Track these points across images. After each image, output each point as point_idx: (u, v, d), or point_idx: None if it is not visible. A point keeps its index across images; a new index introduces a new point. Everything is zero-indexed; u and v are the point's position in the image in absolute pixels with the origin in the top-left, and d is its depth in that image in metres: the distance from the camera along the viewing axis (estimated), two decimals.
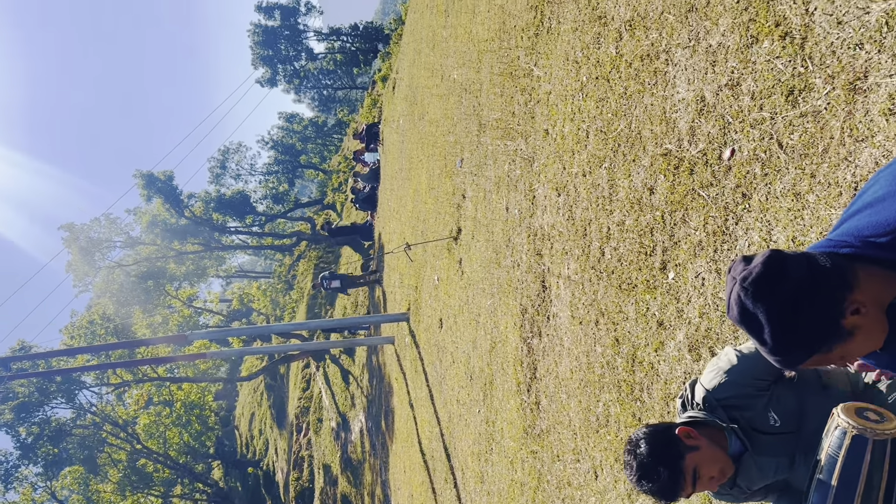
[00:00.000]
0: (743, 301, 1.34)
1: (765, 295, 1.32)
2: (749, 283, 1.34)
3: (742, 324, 1.37)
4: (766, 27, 2.93)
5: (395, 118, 20.96)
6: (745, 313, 1.34)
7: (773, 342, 1.32)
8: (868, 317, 1.31)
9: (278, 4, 57.27)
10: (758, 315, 1.32)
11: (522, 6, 6.89)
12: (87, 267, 40.38)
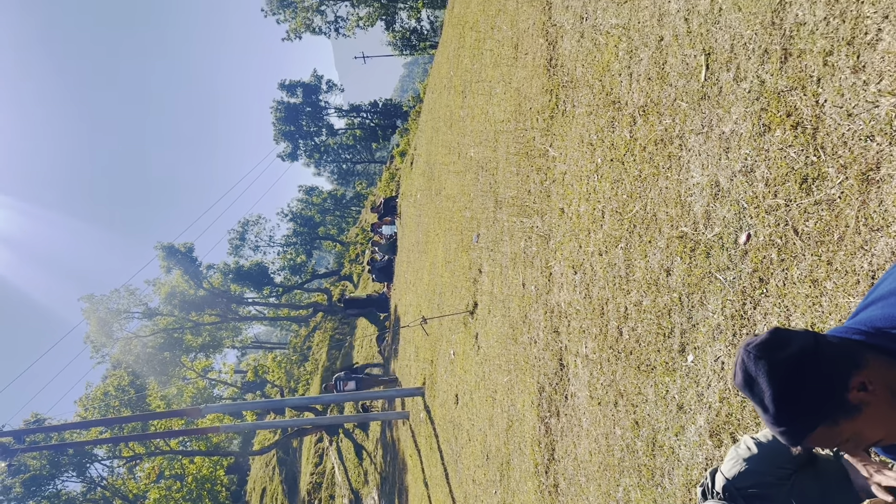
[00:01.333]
0: (746, 364, 1.34)
1: (765, 357, 1.31)
2: (753, 347, 1.34)
3: (745, 388, 1.36)
4: (778, 117, 3.00)
5: (412, 193, 21.28)
6: (748, 377, 1.34)
7: (775, 408, 1.30)
8: (876, 395, 1.29)
9: (301, 83, 59.11)
10: (759, 378, 1.31)
11: (538, 89, 7.09)
12: (105, 338, 40.58)
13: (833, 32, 2.70)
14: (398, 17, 52.07)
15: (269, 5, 49.23)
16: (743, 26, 3.32)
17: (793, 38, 2.95)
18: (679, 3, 4.01)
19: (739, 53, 3.34)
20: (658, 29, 4.28)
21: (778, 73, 3.03)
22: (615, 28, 5.05)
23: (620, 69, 4.89)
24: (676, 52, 4.01)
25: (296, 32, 50.66)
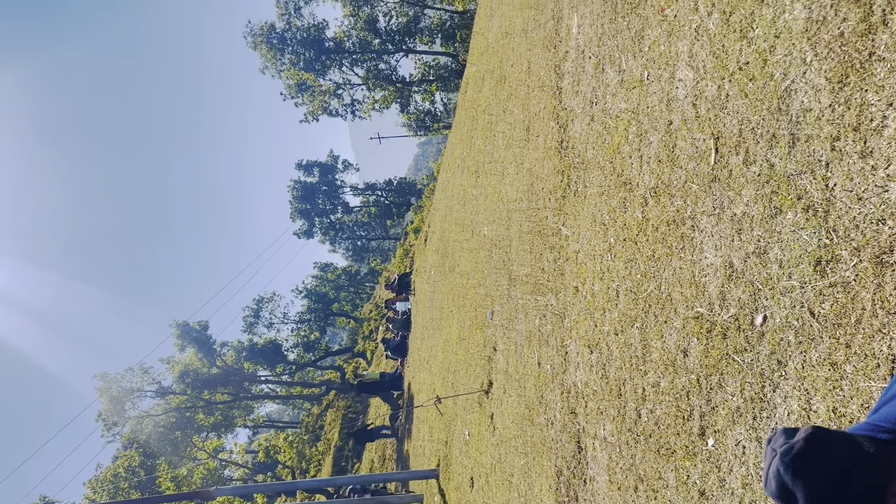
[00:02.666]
0: (782, 476, 1.31)
1: (806, 473, 1.29)
2: (790, 458, 1.31)
3: (779, 500, 1.33)
4: (789, 199, 3.04)
5: (426, 269, 21.38)
6: (783, 489, 1.31)
7: None
8: None
9: (317, 162, 60.41)
10: (796, 493, 1.28)
11: (550, 170, 7.21)
12: (117, 417, 40.25)
13: (839, 119, 2.76)
14: (413, 100, 53.55)
15: (288, 90, 50.86)
16: (750, 112, 3.40)
17: (800, 123, 3.01)
18: (687, 90, 4.12)
19: (748, 138, 3.41)
20: (667, 113, 4.39)
21: (787, 157, 3.08)
22: (624, 112, 5.17)
23: (631, 151, 4.98)
24: (686, 136, 4.10)
25: (313, 115, 52.11)
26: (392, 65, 52.83)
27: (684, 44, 4.21)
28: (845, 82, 2.74)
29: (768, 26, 3.30)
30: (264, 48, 49.04)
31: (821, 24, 2.91)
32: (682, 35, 4.26)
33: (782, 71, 3.15)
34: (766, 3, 3.33)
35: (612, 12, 5.63)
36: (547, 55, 7.90)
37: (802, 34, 3.03)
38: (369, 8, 50.48)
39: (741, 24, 3.55)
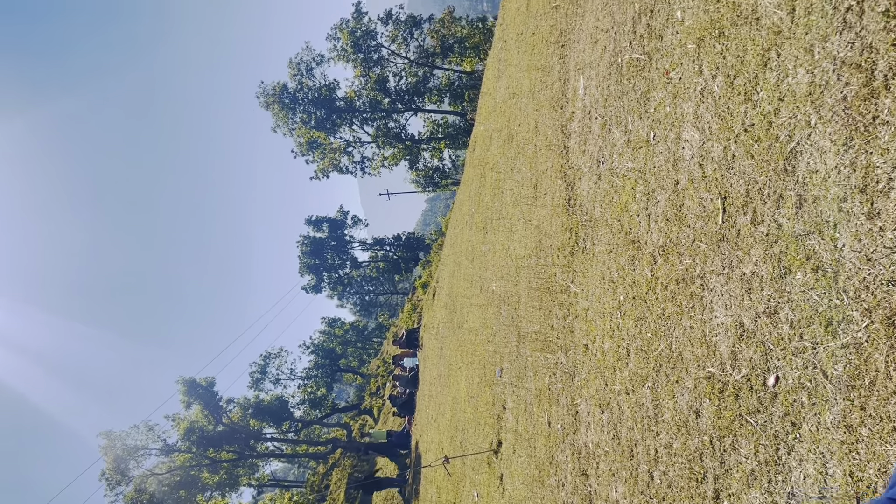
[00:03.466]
0: None
1: None
2: None
3: None
4: (798, 259, 3.05)
5: (434, 325, 21.29)
6: None
7: None
8: None
9: (327, 218, 60.91)
10: None
11: (557, 227, 7.25)
12: (121, 476, 39.67)
13: (845, 180, 2.79)
14: (421, 157, 54.27)
15: (300, 147, 51.70)
16: (757, 172, 3.44)
17: (806, 184, 3.04)
18: (693, 150, 4.18)
19: (755, 198, 3.44)
20: (673, 173, 4.44)
21: (794, 217, 3.10)
22: (631, 171, 5.23)
23: (638, 210, 5.02)
24: (693, 196, 4.13)
25: (324, 172, 52.82)
26: (401, 123, 53.73)
27: (689, 105, 4.28)
28: (850, 145, 2.78)
29: (772, 89, 3.36)
30: (277, 107, 50.06)
31: (824, 88, 2.97)
32: (687, 97, 4.34)
33: (787, 133, 3.20)
34: (769, 68, 3.40)
35: (618, 74, 5.75)
36: (554, 115, 8.03)
37: (806, 97, 3.09)
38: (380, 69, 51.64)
39: (745, 88, 3.61)
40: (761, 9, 3.51)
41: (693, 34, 4.31)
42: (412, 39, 53.17)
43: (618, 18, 5.88)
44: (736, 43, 3.75)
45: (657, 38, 4.93)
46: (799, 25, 3.18)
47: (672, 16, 4.68)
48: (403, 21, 52.70)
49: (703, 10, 4.18)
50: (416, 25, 53.00)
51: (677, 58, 4.54)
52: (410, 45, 53.26)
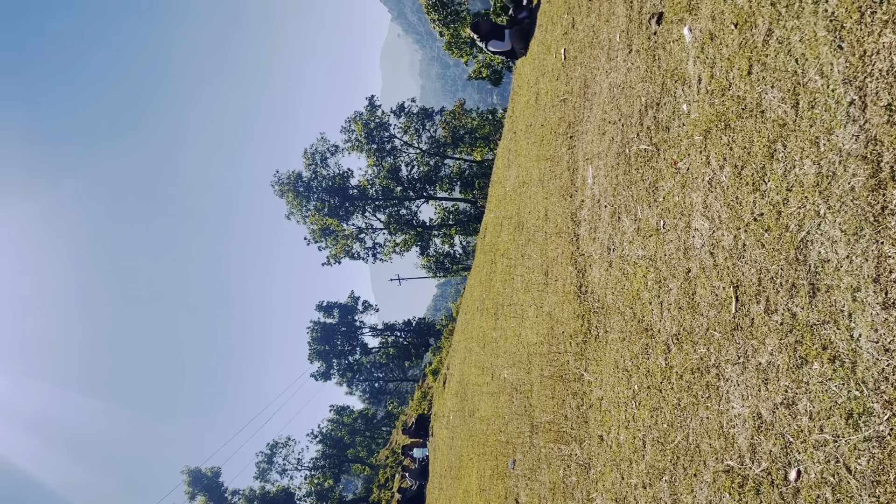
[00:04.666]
0: None
1: None
2: None
3: None
4: (814, 350, 3.01)
5: (445, 413, 20.92)
6: None
7: None
8: None
9: (337, 304, 60.97)
10: None
11: (569, 314, 7.23)
12: None
13: (858, 270, 2.79)
14: (432, 243, 54.74)
15: (312, 234, 52.38)
16: (768, 261, 3.44)
17: (818, 273, 3.04)
18: (703, 239, 4.20)
19: (767, 287, 3.43)
20: (685, 261, 4.45)
21: (808, 306, 3.09)
22: (642, 259, 5.25)
23: (650, 298, 5.01)
24: (705, 284, 4.13)
25: (336, 258, 53.29)
26: (413, 210, 54.52)
27: (698, 195, 4.34)
28: (860, 234, 2.79)
29: (780, 180, 3.41)
30: (291, 195, 51.06)
31: (831, 178, 3.01)
32: (695, 187, 4.40)
33: (797, 222, 3.23)
34: (776, 159, 3.46)
35: (626, 164, 5.86)
36: (563, 203, 8.14)
37: (814, 188, 3.12)
38: (392, 158, 52.85)
39: (753, 178, 3.67)
40: (765, 102, 3.60)
41: (699, 126, 4.41)
42: (424, 130, 54.69)
43: (625, 111, 6.04)
44: (742, 135, 3.84)
45: (664, 129, 5.05)
46: (803, 119, 3.25)
47: (678, 109, 4.80)
48: (416, 113, 54.35)
49: (709, 104, 4.29)
50: (427, 117, 54.61)
51: (684, 149, 4.63)
52: (422, 135, 54.73)
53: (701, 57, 4.49)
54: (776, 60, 3.53)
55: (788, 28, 3.44)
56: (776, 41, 3.55)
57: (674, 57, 4.97)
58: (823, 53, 3.14)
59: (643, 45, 5.70)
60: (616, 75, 6.47)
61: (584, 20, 8.19)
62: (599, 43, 7.28)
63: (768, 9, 3.67)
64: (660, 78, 5.22)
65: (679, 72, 4.84)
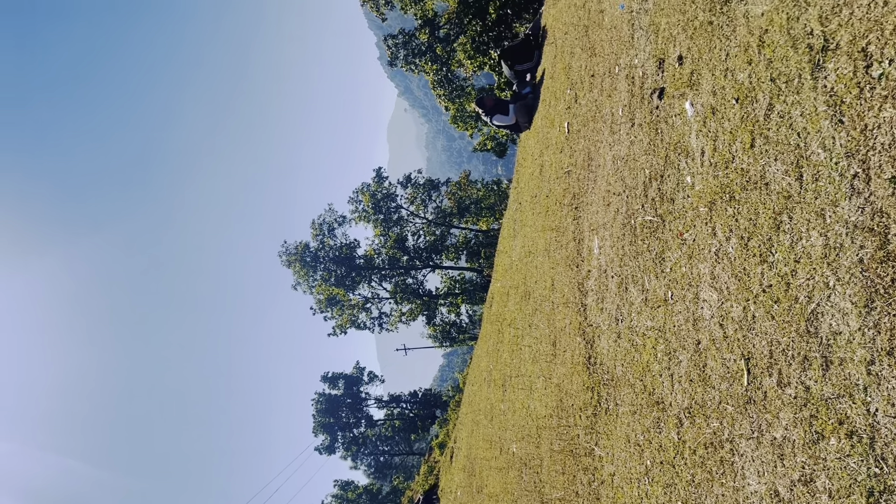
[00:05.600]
0: None
1: None
2: None
3: None
4: (830, 424, 2.94)
5: (452, 489, 20.40)
6: None
7: None
8: None
9: (343, 374, 60.42)
10: None
11: (579, 386, 7.12)
12: None
13: (870, 343, 2.75)
14: (439, 312, 54.57)
15: (319, 304, 52.35)
16: (779, 333, 3.41)
17: (831, 346, 3.00)
18: (712, 310, 4.18)
19: (779, 359, 3.38)
20: (694, 333, 4.41)
21: (822, 380, 3.04)
22: (651, 330, 5.21)
23: (661, 370, 4.94)
24: (715, 356, 4.08)
25: (342, 328, 53.10)
26: (419, 279, 54.61)
27: (705, 266, 4.33)
28: (871, 307, 2.77)
29: (787, 251, 3.41)
30: (298, 265, 51.30)
31: (839, 250, 3.01)
32: (702, 258, 4.40)
33: (806, 294, 3.21)
34: (782, 230, 3.47)
35: (632, 235, 5.88)
36: (570, 273, 8.14)
37: (822, 260, 3.12)
38: (399, 228, 53.29)
39: (760, 249, 3.67)
40: (769, 175, 3.64)
41: (704, 198, 4.44)
42: (430, 201, 55.33)
43: (629, 183, 6.11)
44: (747, 207, 3.86)
45: (669, 201, 5.09)
46: (808, 191, 3.27)
47: (682, 181, 4.85)
48: (422, 184, 55.10)
49: (713, 176, 4.34)
50: (433, 188, 55.34)
51: (690, 220, 4.65)
52: (428, 206, 55.33)
53: (703, 130, 4.56)
54: (778, 134, 3.58)
55: (789, 103, 3.51)
56: (777, 115, 3.61)
57: (676, 130, 5.06)
58: (825, 127, 3.19)
59: (646, 119, 5.81)
60: (619, 148, 6.57)
61: (587, 95, 8.38)
62: (602, 117, 7.42)
63: (768, 84, 3.75)
64: (663, 151, 5.30)
65: (682, 145, 4.92)
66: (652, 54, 5.86)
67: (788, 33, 3.59)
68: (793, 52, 3.52)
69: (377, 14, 42.62)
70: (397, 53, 43.56)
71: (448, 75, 43.51)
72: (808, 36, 3.41)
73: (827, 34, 3.26)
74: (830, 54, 3.21)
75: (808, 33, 3.41)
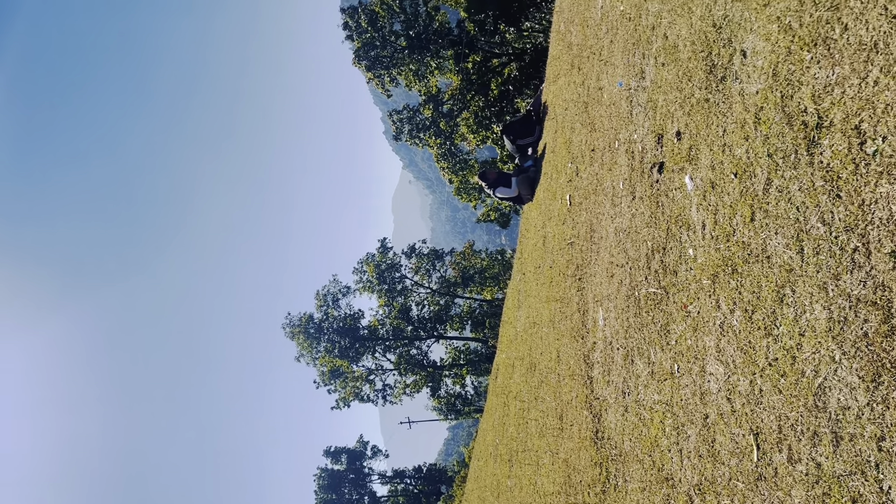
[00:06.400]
0: None
1: None
2: None
3: None
4: (843, 502, 2.88)
5: None
6: None
7: None
8: None
9: (346, 449, 59.31)
10: None
11: (586, 462, 6.98)
12: None
13: (880, 418, 2.72)
14: (443, 384, 53.96)
15: (322, 377, 51.87)
16: (786, 408, 3.37)
17: (840, 421, 2.96)
18: (719, 384, 4.14)
19: (789, 435, 3.33)
20: (702, 407, 4.36)
21: (833, 456, 2.98)
22: (658, 404, 5.14)
23: (669, 445, 4.86)
24: (724, 431, 4.02)
25: (345, 401, 52.47)
26: (424, 350, 54.22)
27: (711, 339, 4.32)
28: (879, 381, 2.75)
29: (791, 325, 3.40)
30: (302, 337, 51.09)
31: (843, 324, 3.00)
32: (707, 330, 4.39)
33: (813, 368, 3.19)
34: (785, 303, 3.47)
35: (636, 307, 5.88)
36: (575, 345, 8.10)
37: (827, 333, 3.11)
38: (403, 298, 53.28)
39: (764, 322, 3.67)
40: (770, 248, 3.67)
41: (707, 270, 4.47)
42: (434, 271, 55.52)
43: (631, 254, 6.15)
44: (750, 279, 3.87)
45: (672, 273, 5.11)
46: (809, 264, 3.29)
47: (684, 253, 4.89)
48: (426, 254, 55.41)
49: (715, 249, 4.37)
50: (438, 258, 55.60)
51: (693, 292, 4.66)
52: (433, 275, 55.49)
53: (703, 204, 4.62)
54: (777, 208, 3.63)
55: (787, 178, 3.57)
56: (776, 190, 3.67)
57: (677, 204, 5.12)
58: (823, 202, 3.23)
59: (646, 193, 5.89)
60: (621, 220, 6.64)
61: (588, 169, 8.52)
62: (603, 190, 7.53)
63: (765, 160, 3.82)
64: (664, 223, 5.35)
65: (683, 218, 4.97)
66: (651, 130, 5.99)
67: (783, 111, 3.69)
68: (788, 129, 3.61)
69: (382, 91, 43.78)
70: (402, 128, 44.55)
71: (452, 148, 44.36)
72: (802, 113, 3.50)
73: (820, 112, 3.35)
74: (825, 131, 3.29)
75: (803, 111, 3.50)
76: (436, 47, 41.09)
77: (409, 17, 41.21)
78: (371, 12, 41.15)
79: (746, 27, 4.30)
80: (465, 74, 41.14)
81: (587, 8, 10.04)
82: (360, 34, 41.77)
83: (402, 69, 42.54)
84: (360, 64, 42.56)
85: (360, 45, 41.97)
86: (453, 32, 41.53)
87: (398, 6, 40.60)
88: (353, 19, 41.83)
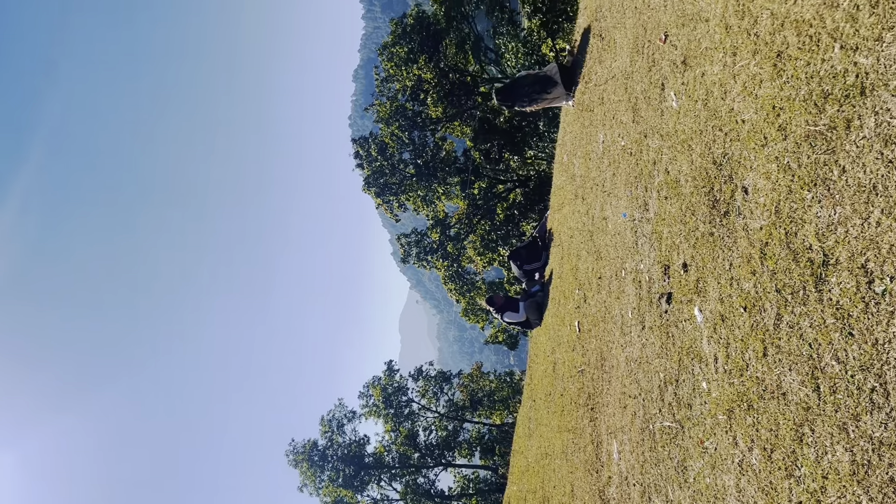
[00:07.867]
0: None
1: None
2: None
3: None
4: None
5: None
6: None
7: None
8: None
9: None
10: None
11: None
12: None
13: None
14: None
15: None
16: None
17: None
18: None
19: None
20: None
21: None
22: None
23: None
24: None
25: None
26: (431, 479, 52.38)
27: (730, 478, 4.17)
28: None
29: (813, 466, 3.29)
30: (305, 465, 49.58)
31: (867, 467, 2.91)
32: (725, 469, 4.24)
33: None
34: (805, 443, 3.38)
35: (651, 441, 5.72)
36: (590, 479, 7.81)
37: (851, 477, 3.01)
38: (410, 423, 52.08)
39: (785, 462, 3.55)
40: (786, 385, 3.61)
41: (722, 405, 4.38)
42: (442, 394, 54.54)
43: (644, 386, 6.05)
44: (766, 416, 3.79)
45: (686, 406, 5.01)
46: (827, 403, 3.23)
47: (698, 386, 4.81)
48: (433, 376, 54.64)
49: (728, 383, 4.31)
50: (445, 380, 54.78)
51: (709, 427, 4.55)
52: (440, 398, 54.46)
53: (714, 337, 4.60)
54: (790, 344, 3.60)
55: (797, 314, 3.57)
56: (787, 326, 3.66)
57: (687, 335, 5.10)
58: (836, 339, 3.21)
59: (655, 323, 5.88)
60: (632, 350, 6.59)
61: (595, 296, 8.55)
62: (612, 318, 7.52)
63: (774, 294, 3.83)
64: (676, 355, 5.30)
65: (694, 350, 4.93)
66: (657, 260, 6.06)
67: (788, 247, 3.74)
68: (795, 265, 3.65)
69: (391, 216, 44.79)
70: (410, 251, 45.22)
71: (459, 271, 44.80)
72: (807, 250, 3.55)
73: (825, 250, 3.39)
74: (832, 269, 3.32)
75: (808, 248, 3.55)
76: (443, 174, 42.44)
77: (418, 147, 42.83)
78: (381, 143, 42.84)
79: (746, 165, 4.44)
80: (471, 200, 42.27)
81: (589, 142, 10.43)
82: (370, 162, 43.27)
83: (411, 195, 43.72)
84: (369, 190, 43.82)
85: (369, 172, 43.39)
86: (460, 160, 43.06)
87: (407, 137, 42.30)
88: (364, 149, 43.49)
